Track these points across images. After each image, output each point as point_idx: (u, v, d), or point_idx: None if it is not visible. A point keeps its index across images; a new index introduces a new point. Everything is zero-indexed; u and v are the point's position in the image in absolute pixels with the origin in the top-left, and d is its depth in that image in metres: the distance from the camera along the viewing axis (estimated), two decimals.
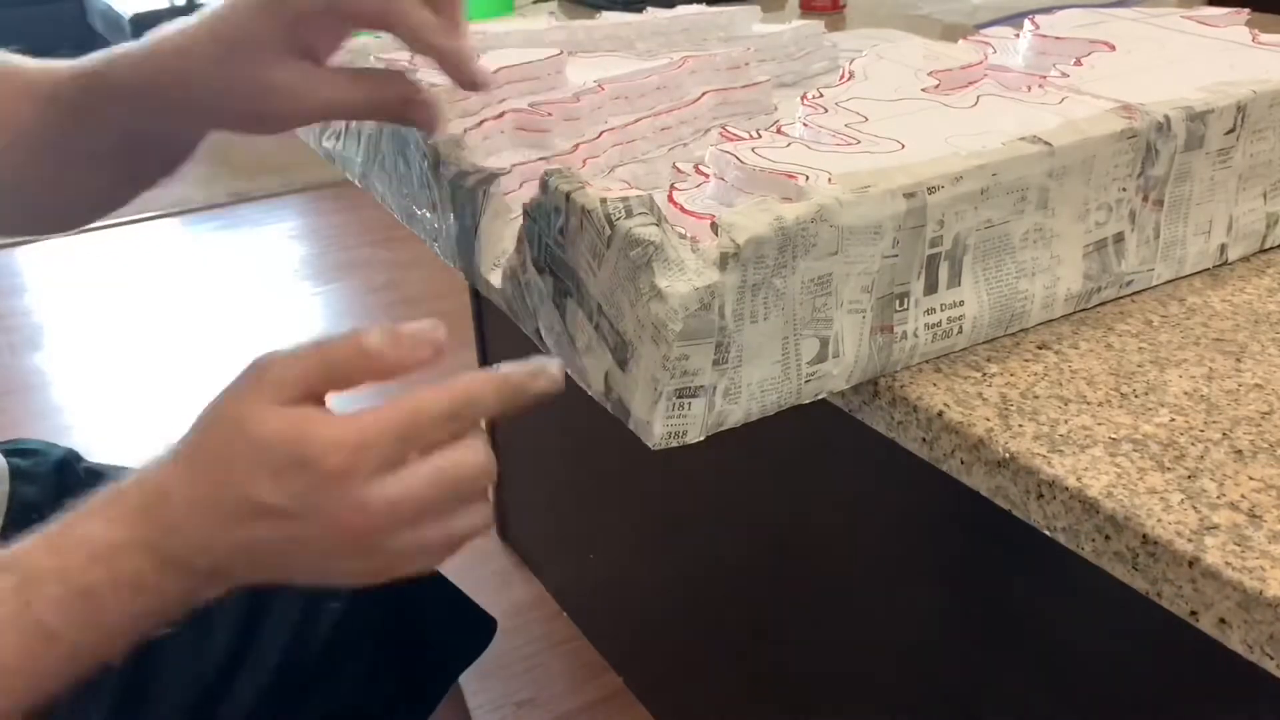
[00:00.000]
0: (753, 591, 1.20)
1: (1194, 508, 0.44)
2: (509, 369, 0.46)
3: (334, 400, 0.47)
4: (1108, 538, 0.45)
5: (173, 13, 4.28)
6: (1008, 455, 0.49)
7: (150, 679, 0.69)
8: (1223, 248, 0.65)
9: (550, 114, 0.68)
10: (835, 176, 0.52)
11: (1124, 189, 0.59)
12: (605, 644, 1.61)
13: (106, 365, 2.51)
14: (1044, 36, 0.73)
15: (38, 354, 2.59)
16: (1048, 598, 0.78)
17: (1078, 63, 0.68)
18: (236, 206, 3.49)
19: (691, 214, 0.55)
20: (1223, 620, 0.41)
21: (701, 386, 0.49)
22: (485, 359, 1.71)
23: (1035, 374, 0.55)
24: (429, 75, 0.73)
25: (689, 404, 0.50)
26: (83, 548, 0.43)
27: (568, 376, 0.56)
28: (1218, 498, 0.45)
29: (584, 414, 1.46)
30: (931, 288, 0.55)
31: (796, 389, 0.53)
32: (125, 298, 2.85)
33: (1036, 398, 0.53)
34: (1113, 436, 0.49)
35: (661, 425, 0.49)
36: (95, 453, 0.89)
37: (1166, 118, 0.59)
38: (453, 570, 1.96)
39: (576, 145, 0.67)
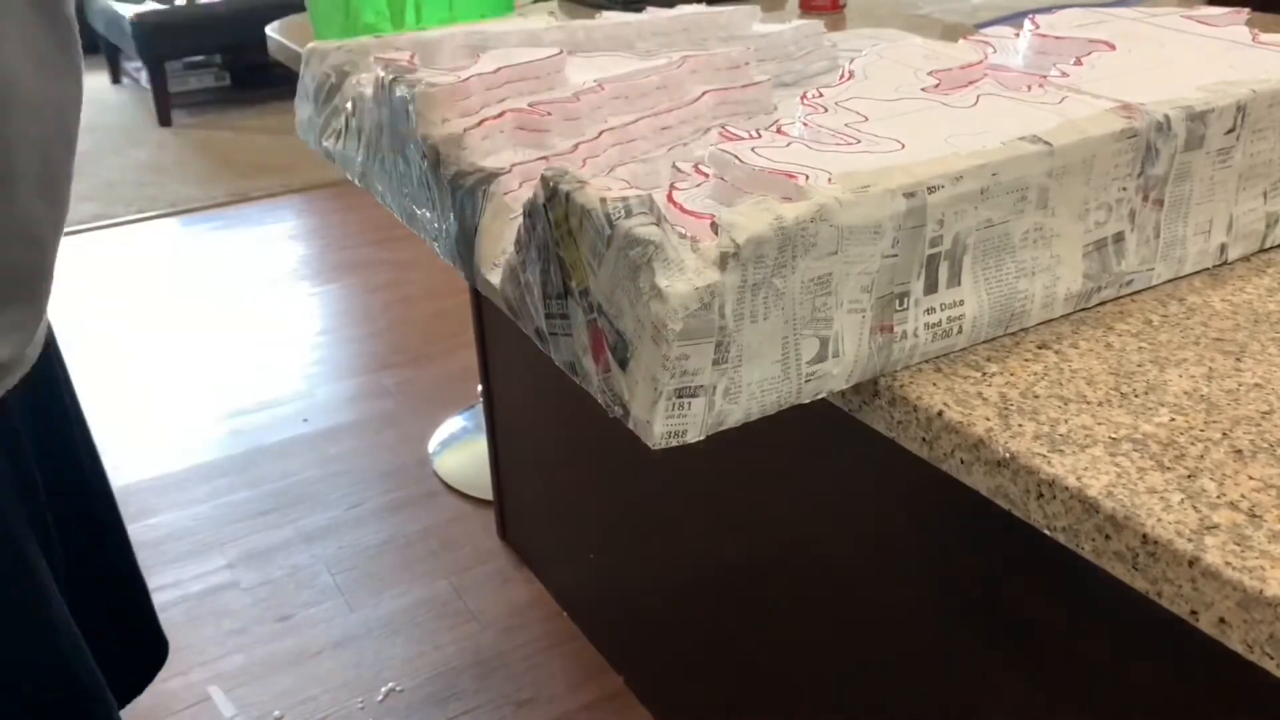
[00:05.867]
0: (753, 591, 1.20)
1: (1194, 507, 0.44)
2: None
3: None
4: (1108, 537, 0.45)
5: (172, 13, 4.28)
6: (1008, 455, 0.49)
7: None
8: (1223, 247, 0.65)
9: (550, 114, 0.68)
10: (835, 176, 0.52)
11: (1124, 189, 0.59)
12: (605, 644, 1.61)
13: (106, 364, 2.51)
14: (1044, 36, 0.73)
15: None
16: (1048, 598, 0.78)
17: (1078, 62, 0.68)
18: (236, 206, 3.49)
19: (691, 214, 0.55)
20: (1223, 620, 0.41)
21: (701, 386, 0.49)
22: (485, 359, 1.71)
23: (1035, 374, 0.55)
24: (429, 75, 0.73)
25: (689, 403, 0.50)
26: None
27: (568, 377, 0.56)
28: (1218, 497, 0.45)
29: (584, 414, 1.47)
30: (931, 287, 0.55)
31: (796, 389, 0.53)
32: (125, 297, 2.85)
33: (1036, 397, 0.53)
34: (1113, 436, 0.49)
35: (661, 425, 0.50)
36: None
37: (1166, 117, 0.59)
38: (453, 570, 1.95)
39: (576, 145, 0.67)
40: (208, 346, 2.58)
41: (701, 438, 0.51)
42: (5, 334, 0.68)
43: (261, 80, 4.56)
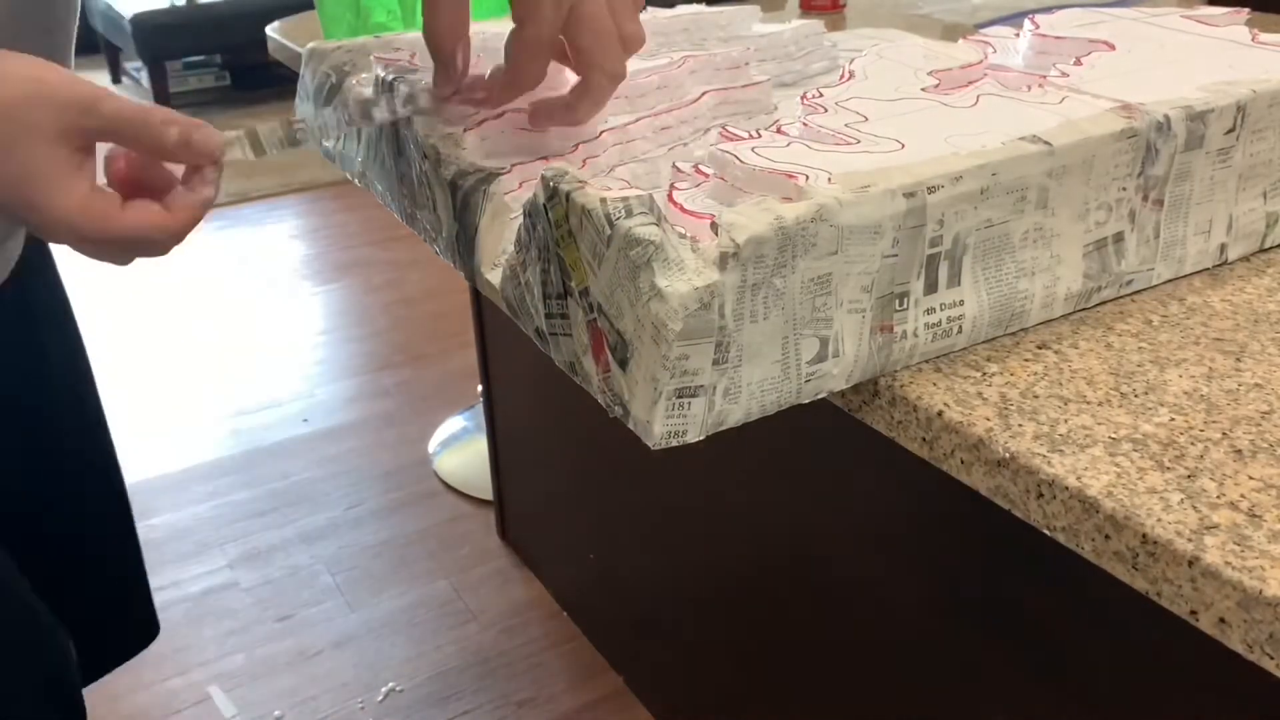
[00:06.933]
0: (753, 591, 1.20)
1: (1194, 507, 0.44)
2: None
3: None
4: (1107, 537, 0.45)
5: (172, 13, 4.28)
6: (1007, 455, 0.49)
7: None
8: (1223, 247, 0.65)
9: None
10: (835, 176, 0.52)
11: (1124, 189, 0.59)
12: (605, 644, 1.61)
13: (106, 364, 2.51)
14: (1044, 36, 0.73)
15: None
16: (1048, 597, 0.78)
17: (1078, 62, 0.68)
18: (236, 206, 3.49)
19: (691, 214, 0.55)
20: (1222, 620, 0.41)
21: (701, 386, 0.49)
22: (485, 359, 1.71)
23: (1035, 374, 0.55)
24: (429, 76, 0.73)
25: (689, 404, 0.50)
26: None
27: (568, 377, 0.56)
28: (1217, 497, 0.45)
29: (584, 414, 1.47)
30: (931, 287, 0.55)
31: (796, 389, 0.53)
32: (124, 297, 2.85)
33: (1036, 397, 0.53)
34: (1112, 436, 0.49)
35: (661, 425, 0.50)
36: None
37: (1166, 117, 0.59)
38: (453, 570, 1.95)
39: (576, 145, 0.67)
40: (208, 346, 2.58)
41: (701, 438, 0.51)
42: None
43: (261, 80, 4.56)
